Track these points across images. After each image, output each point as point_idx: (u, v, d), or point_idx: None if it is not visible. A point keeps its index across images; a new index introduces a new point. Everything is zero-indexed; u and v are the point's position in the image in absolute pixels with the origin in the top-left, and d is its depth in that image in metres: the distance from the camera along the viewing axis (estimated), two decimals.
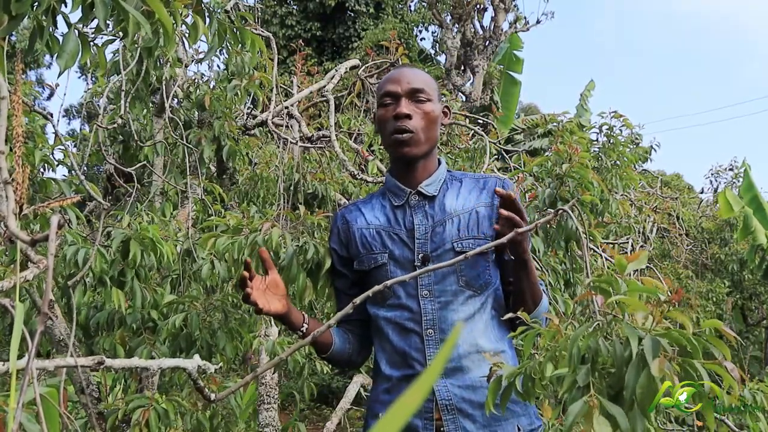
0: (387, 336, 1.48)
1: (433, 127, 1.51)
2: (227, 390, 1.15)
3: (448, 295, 1.45)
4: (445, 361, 1.30)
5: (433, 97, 1.53)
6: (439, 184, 1.54)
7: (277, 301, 1.45)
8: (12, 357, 0.58)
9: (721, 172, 8.06)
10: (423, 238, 1.48)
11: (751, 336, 7.75)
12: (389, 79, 1.55)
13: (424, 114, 1.50)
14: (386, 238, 1.52)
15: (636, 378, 0.74)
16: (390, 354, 1.48)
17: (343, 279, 1.63)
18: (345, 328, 1.60)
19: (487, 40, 11.54)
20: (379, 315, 1.50)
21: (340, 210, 1.66)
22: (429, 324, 1.44)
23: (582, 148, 2.76)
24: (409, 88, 1.50)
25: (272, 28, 13.45)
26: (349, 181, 3.60)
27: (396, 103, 1.50)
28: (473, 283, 1.46)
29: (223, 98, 3.27)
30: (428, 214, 1.50)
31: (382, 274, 1.49)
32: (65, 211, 2.11)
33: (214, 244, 1.87)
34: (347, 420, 4.29)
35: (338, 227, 1.62)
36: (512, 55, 10.58)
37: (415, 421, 1.40)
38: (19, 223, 0.97)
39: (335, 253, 1.63)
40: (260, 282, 1.45)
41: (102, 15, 1.10)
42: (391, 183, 1.57)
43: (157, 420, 1.94)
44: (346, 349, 1.58)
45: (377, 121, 1.56)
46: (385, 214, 1.55)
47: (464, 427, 1.38)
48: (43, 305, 0.52)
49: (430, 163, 1.55)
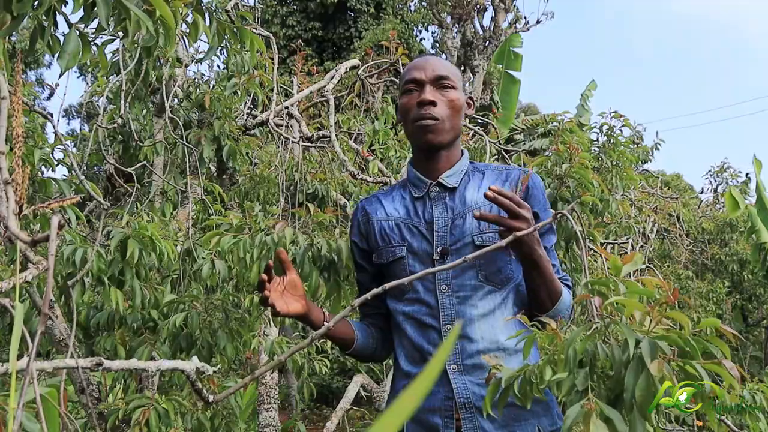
0: (405, 331, 1.45)
1: (457, 115, 1.47)
2: (226, 391, 1.15)
3: (467, 290, 1.40)
4: (446, 359, 1.28)
5: (458, 86, 1.48)
6: (461, 175, 1.49)
7: (295, 302, 1.42)
8: (12, 357, 0.58)
9: (718, 173, 8.05)
10: (442, 231, 1.43)
11: (750, 336, 7.75)
12: (414, 65, 1.50)
13: (449, 102, 1.45)
14: (405, 231, 1.48)
15: (635, 380, 0.73)
16: (408, 349, 1.45)
17: (364, 272, 1.59)
18: (368, 322, 1.57)
19: (487, 40, 11.54)
20: (398, 310, 1.47)
21: (360, 201, 1.62)
22: (447, 319, 1.40)
23: (582, 148, 2.76)
24: (434, 75, 1.46)
25: (273, 27, 13.44)
26: (350, 181, 3.60)
27: (420, 89, 1.46)
28: (493, 278, 1.41)
29: (223, 98, 3.27)
30: (448, 207, 1.46)
31: (400, 267, 1.46)
32: (65, 211, 2.11)
33: (218, 242, 1.87)
34: (347, 420, 4.29)
35: (358, 219, 1.59)
36: (511, 52, 10.55)
37: (436, 420, 1.37)
38: (19, 223, 0.97)
39: (356, 245, 1.59)
40: (278, 283, 1.42)
41: (104, 14, 1.09)
42: (411, 174, 1.53)
43: (157, 420, 1.94)
44: (370, 344, 1.55)
45: (400, 108, 1.51)
46: (405, 205, 1.51)
47: (482, 426, 1.34)
48: (44, 306, 0.52)
49: (452, 153, 1.50)
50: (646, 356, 0.72)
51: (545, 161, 2.80)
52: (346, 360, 5.32)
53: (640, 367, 0.73)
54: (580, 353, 0.78)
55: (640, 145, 6.30)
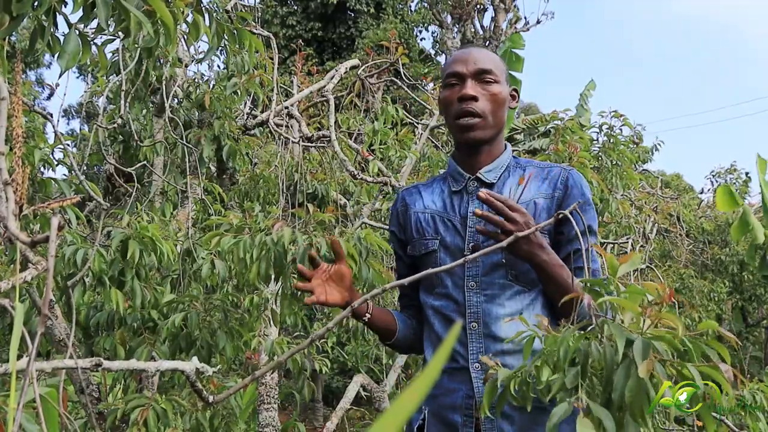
0: (433, 325, 1.44)
1: (500, 110, 1.44)
2: (225, 392, 1.15)
3: (495, 288, 1.38)
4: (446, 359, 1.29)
5: (501, 79, 1.45)
6: (501, 170, 1.46)
7: (337, 293, 1.41)
8: (12, 357, 0.58)
9: (722, 174, 8.05)
10: (475, 227, 1.40)
11: (751, 336, 7.75)
12: (456, 59, 1.46)
13: (491, 96, 1.42)
14: (440, 224, 1.46)
15: (625, 381, 0.73)
16: (435, 343, 1.44)
17: (401, 262, 1.58)
18: (408, 314, 1.57)
19: (487, 40, 11.53)
20: (428, 303, 1.46)
21: (402, 191, 1.60)
22: (473, 317, 1.38)
23: (582, 147, 2.77)
24: (476, 69, 1.42)
25: (273, 28, 13.44)
26: (350, 181, 3.60)
27: (462, 84, 1.42)
28: (523, 278, 1.38)
29: (223, 98, 3.27)
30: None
31: (432, 260, 1.44)
32: (65, 212, 2.11)
33: (218, 242, 1.87)
34: (347, 420, 4.29)
35: (398, 209, 1.57)
36: (512, 54, 10.53)
37: (456, 417, 1.36)
38: (18, 224, 0.97)
39: (394, 235, 1.58)
40: (323, 272, 1.42)
41: (103, 15, 1.10)
42: (452, 167, 1.50)
43: (155, 420, 1.93)
44: (410, 335, 1.54)
45: (441, 102, 1.48)
46: (443, 198, 1.49)
47: (501, 428, 1.32)
48: (43, 307, 0.53)
49: (495, 148, 1.48)
50: (638, 357, 0.71)
51: (545, 161, 2.80)
52: (347, 360, 5.31)
53: (631, 368, 0.73)
54: (572, 352, 0.78)
55: (640, 144, 6.29)
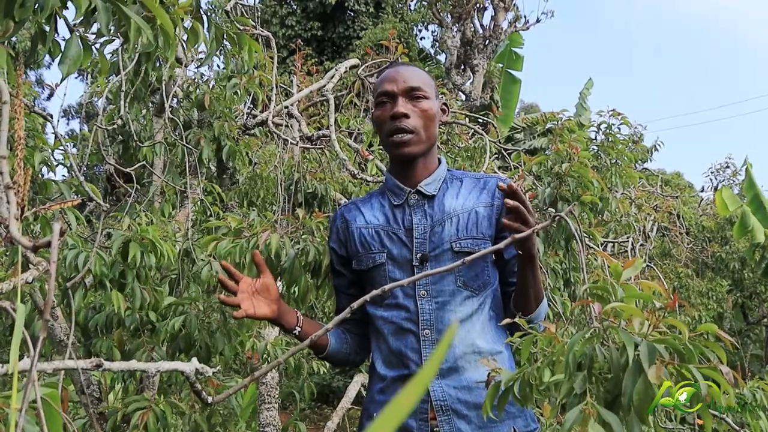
0: (384, 336, 1.47)
1: (431, 125, 1.49)
2: (225, 392, 1.16)
3: (445, 295, 1.43)
4: (441, 362, 1.30)
5: (431, 95, 1.50)
6: (439, 183, 1.52)
7: (265, 306, 1.44)
8: (12, 359, 0.58)
9: (720, 171, 8.06)
10: (421, 238, 1.46)
11: (751, 334, 7.75)
12: (385, 78, 1.51)
13: (421, 112, 1.47)
14: (385, 238, 1.50)
15: (633, 384, 0.74)
16: (386, 354, 1.47)
17: (342, 278, 1.61)
18: (343, 327, 1.59)
19: (487, 39, 11.53)
20: (377, 315, 1.49)
21: (339, 209, 1.64)
22: (426, 324, 1.42)
23: (581, 146, 2.77)
24: (406, 87, 1.47)
25: (272, 27, 13.45)
26: (349, 181, 3.60)
27: (393, 102, 1.48)
28: (471, 284, 1.44)
29: (223, 98, 3.27)
30: (427, 214, 1.48)
31: (380, 274, 1.48)
32: (65, 213, 2.11)
33: (216, 247, 1.87)
34: (348, 420, 4.30)
35: (337, 226, 1.61)
36: (512, 52, 10.53)
37: (410, 422, 1.39)
38: (20, 226, 0.98)
39: (334, 252, 1.61)
40: (249, 285, 1.44)
41: (104, 21, 1.10)
42: (390, 182, 1.55)
43: (155, 422, 1.94)
44: (343, 349, 1.57)
45: (374, 121, 1.54)
46: (384, 213, 1.53)
47: (459, 428, 1.37)
48: (45, 311, 0.53)
49: (429, 161, 1.53)
50: (644, 360, 0.72)
51: (545, 160, 2.80)
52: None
53: (638, 371, 0.74)
54: (579, 356, 0.78)
55: (639, 143, 6.30)
